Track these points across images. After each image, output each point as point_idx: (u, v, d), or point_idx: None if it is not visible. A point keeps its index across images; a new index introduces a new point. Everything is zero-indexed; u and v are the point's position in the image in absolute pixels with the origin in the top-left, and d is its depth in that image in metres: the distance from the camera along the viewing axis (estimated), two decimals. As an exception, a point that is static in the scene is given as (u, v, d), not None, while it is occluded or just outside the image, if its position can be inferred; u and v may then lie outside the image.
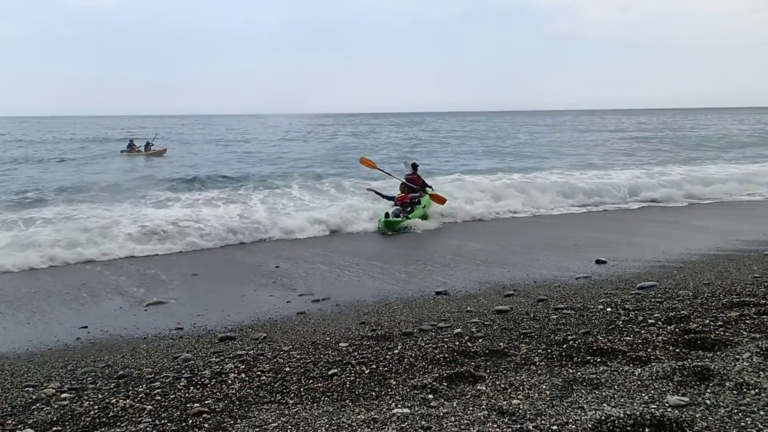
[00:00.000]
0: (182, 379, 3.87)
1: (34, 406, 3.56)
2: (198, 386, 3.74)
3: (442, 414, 2.84)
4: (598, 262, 7.70)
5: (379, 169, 13.85)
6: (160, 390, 3.70)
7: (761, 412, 2.48)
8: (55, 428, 3.21)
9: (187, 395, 3.59)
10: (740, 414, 2.49)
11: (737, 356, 3.29)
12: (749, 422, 2.41)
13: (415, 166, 13.63)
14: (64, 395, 3.73)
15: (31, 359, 4.78)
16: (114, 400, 3.54)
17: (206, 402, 3.45)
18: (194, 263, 8.62)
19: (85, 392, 3.77)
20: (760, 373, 2.95)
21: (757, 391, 2.71)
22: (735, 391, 2.74)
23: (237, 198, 14.31)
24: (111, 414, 3.34)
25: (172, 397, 3.57)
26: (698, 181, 16.11)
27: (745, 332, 3.90)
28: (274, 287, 7.11)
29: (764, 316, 4.21)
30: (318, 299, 6.46)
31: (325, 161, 25.29)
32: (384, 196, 12.75)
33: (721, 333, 3.92)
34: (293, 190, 15.28)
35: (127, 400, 3.54)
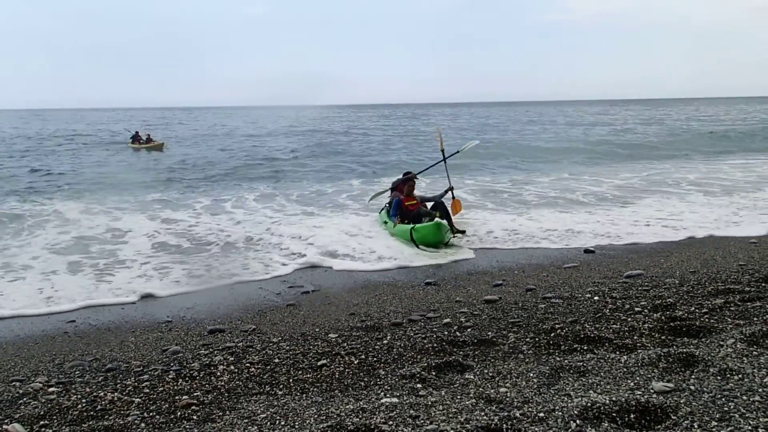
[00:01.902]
0: (171, 372, 3.86)
1: (21, 401, 3.54)
2: (187, 378, 3.73)
3: (430, 403, 2.85)
4: (587, 251, 7.76)
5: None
6: (148, 383, 3.69)
7: (744, 397, 2.51)
8: (42, 422, 3.19)
9: (175, 388, 3.58)
10: (723, 399, 2.52)
11: (721, 342, 3.33)
12: (732, 407, 2.44)
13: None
14: (51, 389, 3.71)
15: (18, 353, 4.75)
16: (102, 394, 3.53)
17: (195, 394, 3.45)
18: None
19: (73, 386, 3.76)
20: (744, 358, 2.98)
21: (740, 376, 2.75)
22: (719, 377, 2.78)
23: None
24: (99, 407, 3.33)
25: (160, 389, 3.57)
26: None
27: (729, 319, 3.94)
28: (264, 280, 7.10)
29: (748, 303, 4.27)
30: (308, 291, 6.46)
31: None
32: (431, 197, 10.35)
33: (706, 320, 3.97)
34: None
35: (115, 394, 3.52)
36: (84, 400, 3.44)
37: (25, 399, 3.57)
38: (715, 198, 12.40)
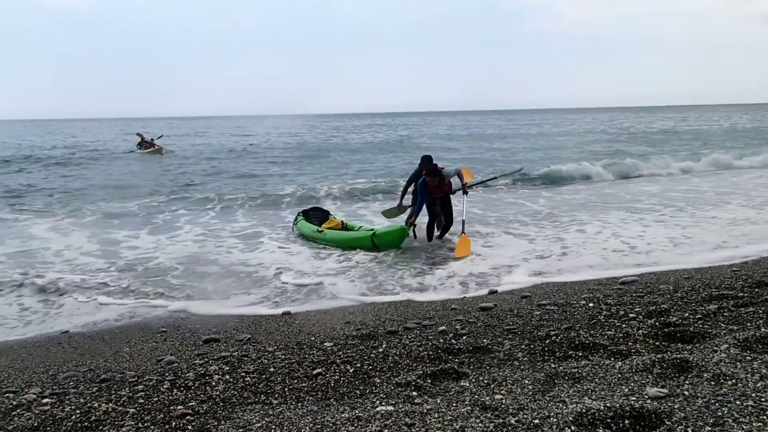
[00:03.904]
0: (166, 382, 3.85)
1: (14, 412, 3.52)
2: (182, 388, 3.72)
3: (425, 410, 2.86)
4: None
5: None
6: (143, 393, 3.67)
7: (737, 402, 2.53)
8: (36, 434, 3.17)
9: (170, 398, 3.57)
10: (717, 404, 2.53)
11: (715, 348, 3.35)
12: (725, 412, 2.45)
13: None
14: (45, 400, 3.68)
15: (11, 365, 4.72)
16: (96, 404, 3.51)
17: (190, 404, 3.44)
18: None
19: (67, 397, 3.73)
20: (737, 364, 3.00)
21: (733, 381, 2.76)
22: (713, 382, 2.79)
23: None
24: (93, 418, 3.31)
25: (155, 399, 3.55)
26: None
27: (723, 324, 3.96)
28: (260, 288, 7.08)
29: (741, 309, 4.29)
30: (304, 298, 6.45)
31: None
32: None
33: (700, 326, 3.98)
34: None
35: (110, 404, 3.51)
36: (78, 411, 3.41)
37: (18, 410, 3.54)
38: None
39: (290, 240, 9.88)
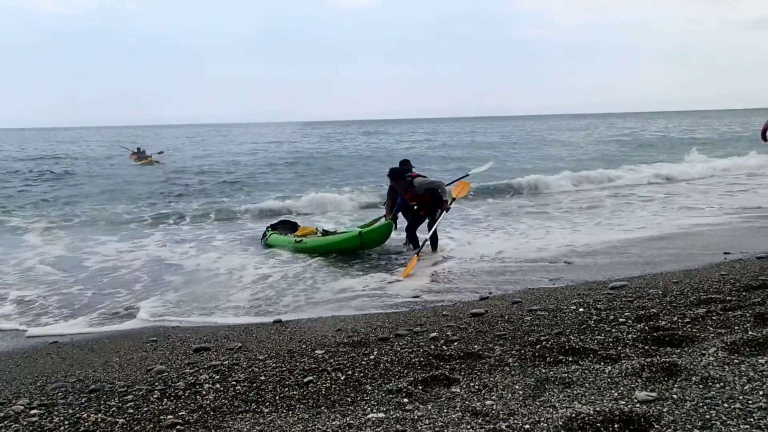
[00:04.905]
0: (155, 392, 3.82)
1: (1, 424, 3.48)
2: (172, 398, 3.69)
3: (416, 417, 2.86)
4: (566, 263, 7.85)
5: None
6: (132, 403, 3.65)
7: (725, 405, 2.55)
8: (23, 445, 3.14)
9: (160, 407, 3.55)
10: (705, 407, 2.55)
11: (703, 351, 3.38)
12: (713, 415, 2.47)
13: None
14: (33, 411, 3.64)
15: (-1, 376, 4.67)
16: (85, 415, 3.48)
17: (180, 413, 3.41)
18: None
19: (56, 408, 3.70)
20: (725, 367, 3.03)
21: (721, 384, 2.79)
22: (701, 385, 2.81)
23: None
24: (82, 429, 3.28)
25: (145, 409, 3.53)
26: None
27: (711, 328, 3.99)
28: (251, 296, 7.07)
29: (729, 312, 4.32)
30: (294, 307, 6.44)
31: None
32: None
33: (689, 329, 4.02)
34: None
35: (99, 415, 3.48)
36: (67, 422, 3.38)
37: (6, 422, 3.50)
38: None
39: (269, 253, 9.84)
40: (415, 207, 9.19)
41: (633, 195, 15.98)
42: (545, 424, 2.55)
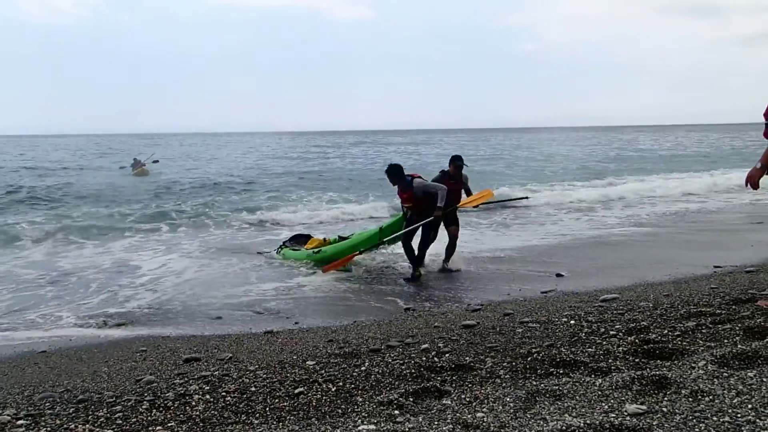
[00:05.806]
0: (144, 402, 3.79)
1: (-13, 435, 3.44)
2: (161, 408, 3.66)
3: (407, 429, 2.85)
4: (558, 275, 7.88)
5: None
6: (121, 414, 3.61)
7: (714, 418, 2.56)
8: (9, 456, 3.10)
9: (149, 418, 3.51)
10: (695, 420, 2.56)
11: (693, 364, 3.39)
12: (703, 428, 2.48)
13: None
14: (20, 422, 3.60)
15: (-15, 386, 4.62)
16: (73, 426, 3.44)
17: (169, 425, 3.39)
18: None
19: (43, 418, 3.65)
20: (714, 380, 3.04)
21: (711, 397, 2.80)
22: (690, 398, 2.83)
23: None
24: (69, 440, 3.25)
25: (133, 420, 3.49)
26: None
27: (701, 341, 4.01)
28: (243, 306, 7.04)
29: (719, 326, 4.35)
30: (286, 317, 6.42)
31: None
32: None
33: (679, 342, 4.03)
34: None
35: (87, 425, 3.44)
36: (54, 433, 3.35)
37: (-9, 433, 3.47)
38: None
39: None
40: (408, 211, 8.68)
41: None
42: (536, 437, 2.55)
